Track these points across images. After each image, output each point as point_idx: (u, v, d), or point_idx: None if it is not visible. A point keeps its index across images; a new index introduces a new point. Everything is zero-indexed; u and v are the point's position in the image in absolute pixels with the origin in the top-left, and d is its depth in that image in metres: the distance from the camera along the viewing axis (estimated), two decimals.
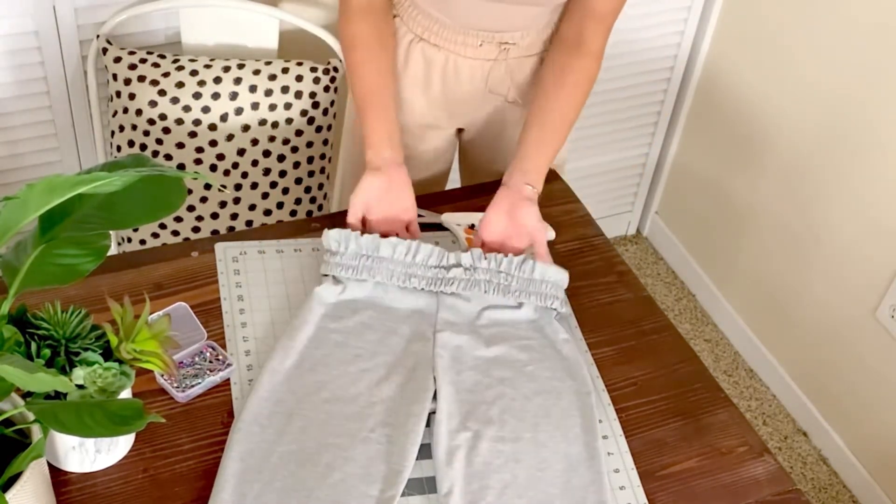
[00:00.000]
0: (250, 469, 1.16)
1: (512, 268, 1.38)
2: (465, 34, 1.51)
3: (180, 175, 1.06)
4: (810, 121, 2.25)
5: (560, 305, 1.38)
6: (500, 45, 1.53)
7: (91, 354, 1.07)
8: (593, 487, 1.20)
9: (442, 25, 1.51)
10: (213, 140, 1.84)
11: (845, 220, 2.21)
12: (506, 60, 1.55)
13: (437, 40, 1.53)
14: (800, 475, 2.36)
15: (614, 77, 2.47)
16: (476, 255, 1.38)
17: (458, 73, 1.56)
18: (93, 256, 1.07)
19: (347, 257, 1.36)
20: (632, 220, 2.90)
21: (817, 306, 2.34)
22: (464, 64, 1.55)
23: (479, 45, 1.52)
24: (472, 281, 1.37)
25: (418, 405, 1.24)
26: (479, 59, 1.54)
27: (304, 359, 1.29)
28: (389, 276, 1.36)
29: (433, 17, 1.51)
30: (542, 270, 1.38)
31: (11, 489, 0.97)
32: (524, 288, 1.37)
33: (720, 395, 1.36)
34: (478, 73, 1.56)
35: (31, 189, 0.94)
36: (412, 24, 1.53)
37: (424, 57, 1.55)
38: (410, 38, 1.54)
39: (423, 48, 1.54)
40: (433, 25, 1.52)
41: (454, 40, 1.52)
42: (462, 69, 1.56)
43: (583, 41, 1.49)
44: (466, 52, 1.53)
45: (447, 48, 1.53)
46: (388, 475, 1.18)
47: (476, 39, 1.52)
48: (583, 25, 1.48)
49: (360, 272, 1.35)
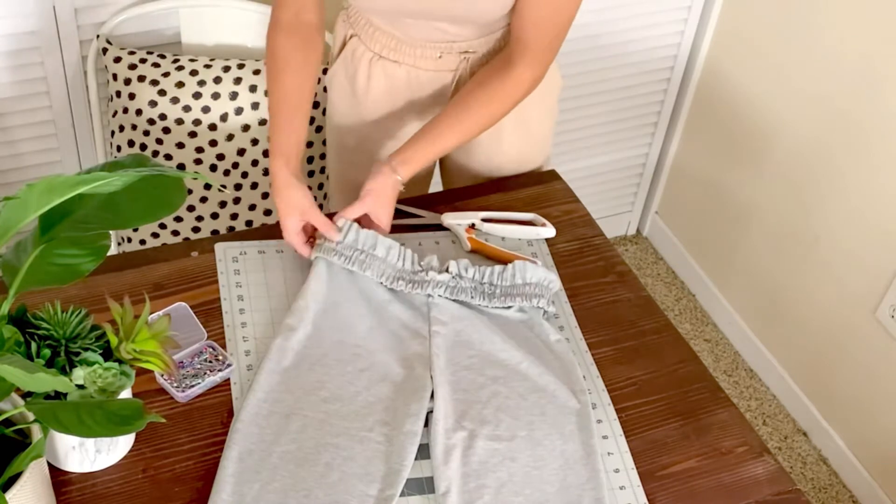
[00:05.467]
0: (249, 469, 1.16)
1: (494, 278, 1.39)
2: (423, 48, 1.51)
3: (180, 175, 1.06)
4: (810, 120, 2.25)
5: (546, 304, 1.38)
6: (461, 55, 1.52)
7: (91, 354, 1.07)
8: (590, 485, 1.21)
9: (399, 41, 1.51)
10: (213, 140, 1.84)
11: (845, 220, 2.22)
12: (468, 70, 1.54)
13: (396, 56, 1.53)
14: (800, 475, 2.36)
15: (614, 77, 2.47)
16: (462, 265, 1.39)
17: (422, 87, 1.56)
18: (93, 256, 1.07)
19: (343, 247, 1.37)
20: (632, 220, 2.91)
21: (817, 306, 2.34)
22: (426, 77, 1.55)
23: (439, 56, 1.52)
24: (457, 288, 1.38)
25: (416, 404, 1.25)
26: (441, 70, 1.54)
27: (301, 359, 1.29)
28: (380, 275, 1.37)
29: (390, 34, 1.51)
30: (523, 273, 1.39)
31: (11, 489, 0.97)
32: (508, 293, 1.39)
33: (720, 395, 1.36)
34: (441, 84, 1.56)
35: (31, 189, 0.94)
36: (370, 42, 1.53)
37: (386, 74, 1.55)
38: (370, 56, 1.54)
39: (383, 66, 1.54)
40: (391, 42, 1.51)
41: (413, 54, 1.52)
42: (425, 83, 1.55)
43: (511, 70, 1.46)
44: (427, 64, 1.53)
45: (407, 63, 1.53)
46: (387, 474, 1.18)
47: (435, 52, 1.51)
48: (513, 55, 1.45)
49: (352, 262, 1.36)
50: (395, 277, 1.37)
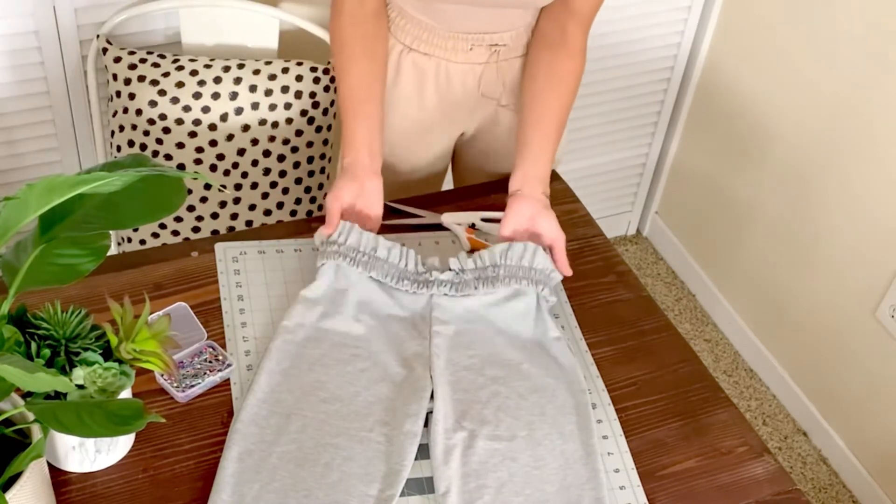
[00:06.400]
0: (249, 469, 1.16)
1: (497, 257, 1.38)
2: (454, 39, 1.51)
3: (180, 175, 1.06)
4: (810, 120, 2.25)
5: (549, 294, 1.38)
6: (491, 48, 1.52)
7: (91, 354, 1.07)
8: (590, 484, 1.21)
9: (431, 32, 1.51)
10: (213, 140, 1.84)
11: (845, 219, 2.22)
12: (496, 63, 1.55)
13: (426, 48, 1.52)
14: (800, 475, 2.36)
15: (614, 77, 2.47)
16: (462, 258, 1.39)
17: (450, 80, 1.56)
18: (93, 256, 1.07)
19: (345, 248, 1.37)
20: (632, 220, 2.91)
21: (817, 306, 2.34)
22: (455, 70, 1.55)
23: (470, 48, 1.52)
24: (462, 283, 1.37)
25: (416, 404, 1.25)
26: (471, 62, 1.54)
27: (301, 359, 1.29)
28: (384, 276, 1.37)
29: (422, 25, 1.50)
30: (532, 256, 1.38)
31: (11, 489, 0.97)
32: (513, 274, 1.37)
33: (720, 395, 1.36)
34: (469, 77, 1.56)
35: (31, 189, 0.94)
36: (400, 34, 1.53)
37: (415, 66, 1.55)
38: (400, 48, 1.54)
39: (413, 58, 1.54)
40: (422, 33, 1.51)
41: (444, 46, 1.52)
42: (454, 75, 1.55)
43: (567, 41, 1.48)
44: (457, 56, 1.53)
45: (437, 55, 1.53)
46: (387, 474, 1.18)
47: (466, 44, 1.51)
48: (566, 26, 1.47)
49: (356, 264, 1.36)
50: (400, 277, 1.37)
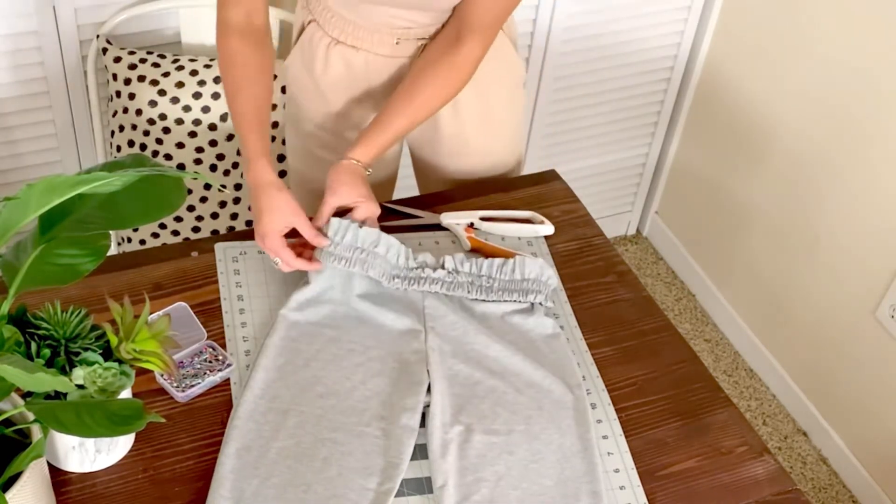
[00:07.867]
0: (247, 465, 1.16)
1: (493, 271, 1.39)
2: (380, 33, 1.50)
3: (180, 175, 1.07)
4: (810, 120, 2.25)
5: (545, 300, 1.39)
6: (418, 41, 1.52)
7: (91, 354, 1.07)
8: (587, 478, 1.21)
9: (357, 27, 1.50)
10: (213, 140, 1.84)
11: (845, 219, 2.22)
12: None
13: (354, 41, 1.52)
14: (800, 475, 2.37)
15: (614, 77, 2.47)
16: (458, 259, 1.39)
17: (380, 73, 1.55)
18: (93, 256, 1.07)
19: (342, 248, 1.36)
20: (632, 220, 2.91)
21: (817, 306, 2.34)
22: (384, 64, 1.54)
23: (396, 42, 1.51)
24: (454, 283, 1.38)
25: (412, 398, 1.25)
26: (398, 56, 1.53)
27: (296, 355, 1.29)
28: (381, 274, 1.37)
29: (348, 20, 1.50)
30: (521, 269, 1.39)
31: (11, 489, 0.97)
32: (506, 287, 1.39)
33: (720, 395, 1.36)
34: (397, 72, 1.55)
35: (31, 189, 0.94)
36: (329, 27, 1.52)
37: (344, 59, 1.54)
38: (328, 41, 1.53)
39: (341, 51, 1.53)
40: (348, 27, 1.51)
41: (370, 40, 1.51)
42: (382, 69, 1.55)
43: (460, 48, 1.46)
44: (384, 50, 1.52)
45: (365, 48, 1.52)
46: (385, 468, 1.18)
47: (392, 38, 1.51)
48: (461, 32, 1.46)
49: (353, 264, 1.35)
50: (392, 275, 1.38)
